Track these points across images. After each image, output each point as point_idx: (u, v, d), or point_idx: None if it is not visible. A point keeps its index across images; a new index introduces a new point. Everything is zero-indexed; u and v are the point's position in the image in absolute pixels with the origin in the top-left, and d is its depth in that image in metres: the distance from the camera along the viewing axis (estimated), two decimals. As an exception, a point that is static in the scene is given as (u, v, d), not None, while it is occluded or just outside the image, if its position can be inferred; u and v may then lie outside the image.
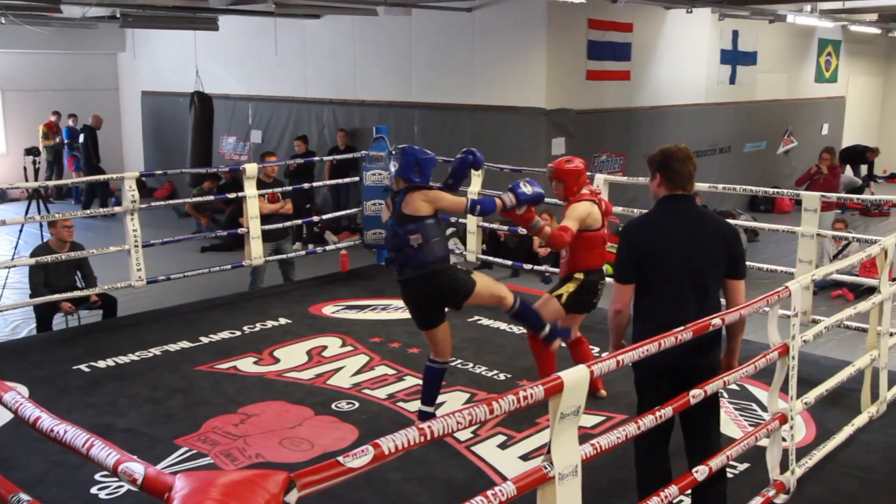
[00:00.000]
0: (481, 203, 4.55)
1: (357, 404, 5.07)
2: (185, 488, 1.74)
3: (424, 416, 4.62)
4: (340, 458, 2.00)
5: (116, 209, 6.89)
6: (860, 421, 4.54)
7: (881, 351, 4.73)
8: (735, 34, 12.92)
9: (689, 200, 3.41)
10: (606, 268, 5.14)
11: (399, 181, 4.60)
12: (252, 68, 13.45)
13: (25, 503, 2.15)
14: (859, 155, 15.63)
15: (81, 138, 14.27)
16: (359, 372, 5.61)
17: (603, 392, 5.08)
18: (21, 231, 9.22)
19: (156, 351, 6.02)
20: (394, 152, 8.57)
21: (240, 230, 7.52)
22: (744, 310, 3.39)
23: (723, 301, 3.52)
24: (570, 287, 4.90)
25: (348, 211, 9.49)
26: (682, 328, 3.06)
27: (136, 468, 1.87)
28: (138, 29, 14.44)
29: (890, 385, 4.88)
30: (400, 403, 5.08)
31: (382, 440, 2.11)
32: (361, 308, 7.09)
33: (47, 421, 2.10)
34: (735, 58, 13.09)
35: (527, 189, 4.52)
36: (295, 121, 12.97)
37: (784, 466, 3.81)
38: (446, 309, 4.63)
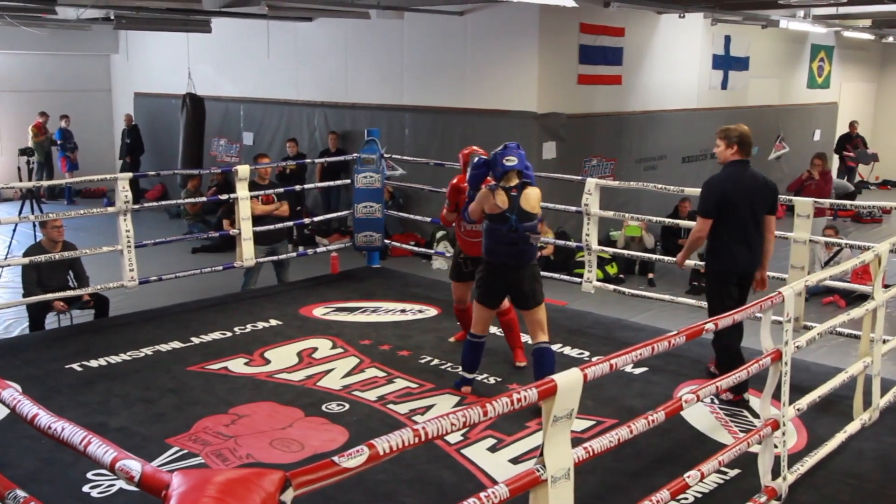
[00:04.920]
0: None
1: (347, 406, 5.08)
2: (183, 486, 1.75)
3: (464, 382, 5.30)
4: (336, 458, 2.02)
5: (110, 209, 6.88)
6: (852, 428, 4.53)
7: (874, 358, 4.72)
8: (727, 39, 12.97)
9: (748, 164, 5.03)
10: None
11: (515, 176, 4.88)
12: (244, 70, 13.43)
13: (21, 500, 2.16)
14: (847, 137, 15.67)
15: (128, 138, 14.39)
16: (349, 374, 5.62)
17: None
18: (14, 231, 9.22)
19: (147, 351, 6.01)
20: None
21: (231, 231, 7.50)
22: (737, 315, 3.43)
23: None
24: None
25: (339, 213, 9.50)
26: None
27: (134, 465, 1.88)
28: (131, 31, 14.42)
29: (882, 392, 4.89)
30: (390, 405, 5.08)
31: (377, 440, 2.12)
32: (352, 310, 7.09)
33: (45, 418, 2.10)
34: (727, 63, 13.15)
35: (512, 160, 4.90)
36: (286, 123, 12.96)
37: (776, 473, 3.81)
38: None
